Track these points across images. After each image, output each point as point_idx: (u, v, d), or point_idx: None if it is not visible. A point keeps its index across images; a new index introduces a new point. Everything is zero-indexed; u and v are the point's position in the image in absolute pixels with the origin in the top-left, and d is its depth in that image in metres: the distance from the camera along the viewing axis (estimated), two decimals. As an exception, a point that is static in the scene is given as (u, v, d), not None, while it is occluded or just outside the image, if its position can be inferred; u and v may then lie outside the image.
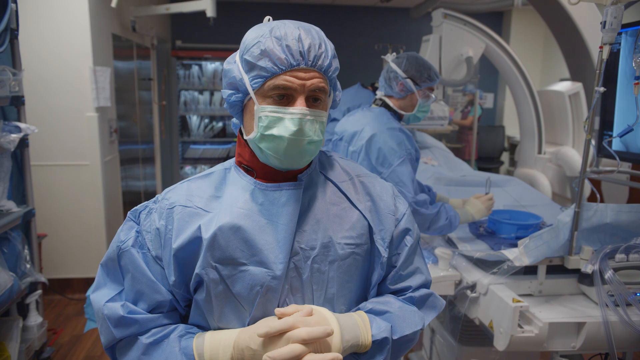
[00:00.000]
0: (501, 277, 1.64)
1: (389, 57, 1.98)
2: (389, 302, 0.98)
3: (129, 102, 4.49)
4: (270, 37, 0.86)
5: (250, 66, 0.87)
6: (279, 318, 0.87)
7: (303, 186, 0.93)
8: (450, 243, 2.05)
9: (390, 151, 1.83)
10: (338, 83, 0.97)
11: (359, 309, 0.97)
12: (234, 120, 0.99)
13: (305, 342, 0.83)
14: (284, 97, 0.87)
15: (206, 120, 6.32)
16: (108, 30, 3.77)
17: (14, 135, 2.28)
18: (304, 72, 0.86)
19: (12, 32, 2.39)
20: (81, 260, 3.57)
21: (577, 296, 1.66)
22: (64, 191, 3.46)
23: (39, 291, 2.60)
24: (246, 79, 0.88)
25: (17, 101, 2.46)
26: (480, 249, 1.88)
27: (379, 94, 2.04)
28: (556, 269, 1.66)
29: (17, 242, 2.43)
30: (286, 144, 0.86)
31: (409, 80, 1.91)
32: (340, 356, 0.85)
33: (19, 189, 2.61)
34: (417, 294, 1.02)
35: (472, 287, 1.71)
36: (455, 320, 1.96)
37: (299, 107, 0.86)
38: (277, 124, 0.86)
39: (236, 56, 0.92)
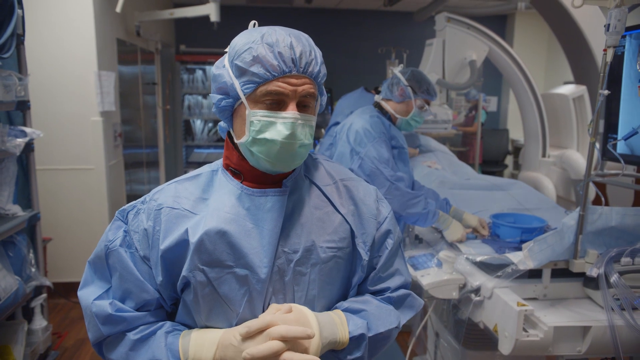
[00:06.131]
0: (505, 281, 1.64)
1: (396, 69, 2.25)
2: (366, 301, 1.01)
3: (134, 107, 4.52)
4: (262, 43, 0.87)
5: (241, 72, 0.88)
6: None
7: (288, 192, 0.95)
8: (454, 246, 2.04)
9: (366, 132, 2.10)
10: (323, 88, 0.99)
11: (336, 308, 0.99)
12: (221, 123, 1.00)
13: (284, 339, 0.85)
14: (276, 102, 0.88)
15: (210, 124, 6.34)
16: (113, 35, 3.80)
17: (19, 140, 2.30)
18: (295, 78, 0.88)
19: (19, 38, 2.41)
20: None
21: (582, 300, 1.65)
22: (69, 195, 3.47)
23: (44, 295, 2.62)
24: (237, 84, 0.89)
25: (23, 106, 2.48)
26: (484, 253, 1.88)
27: (377, 97, 2.28)
28: (561, 273, 1.65)
29: (23, 246, 2.44)
30: (279, 147, 0.88)
31: (409, 88, 2.16)
32: (317, 358, 0.87)
33: (25, 193, 2.62)
34: (395, 294, 1.05)
35: (477, 291, 1.70)
36: (460, 324, 1.95)
37: (291, 111, 0.88)
38: (269, 128, 0.88)
39: (225, 60, 0.93)
